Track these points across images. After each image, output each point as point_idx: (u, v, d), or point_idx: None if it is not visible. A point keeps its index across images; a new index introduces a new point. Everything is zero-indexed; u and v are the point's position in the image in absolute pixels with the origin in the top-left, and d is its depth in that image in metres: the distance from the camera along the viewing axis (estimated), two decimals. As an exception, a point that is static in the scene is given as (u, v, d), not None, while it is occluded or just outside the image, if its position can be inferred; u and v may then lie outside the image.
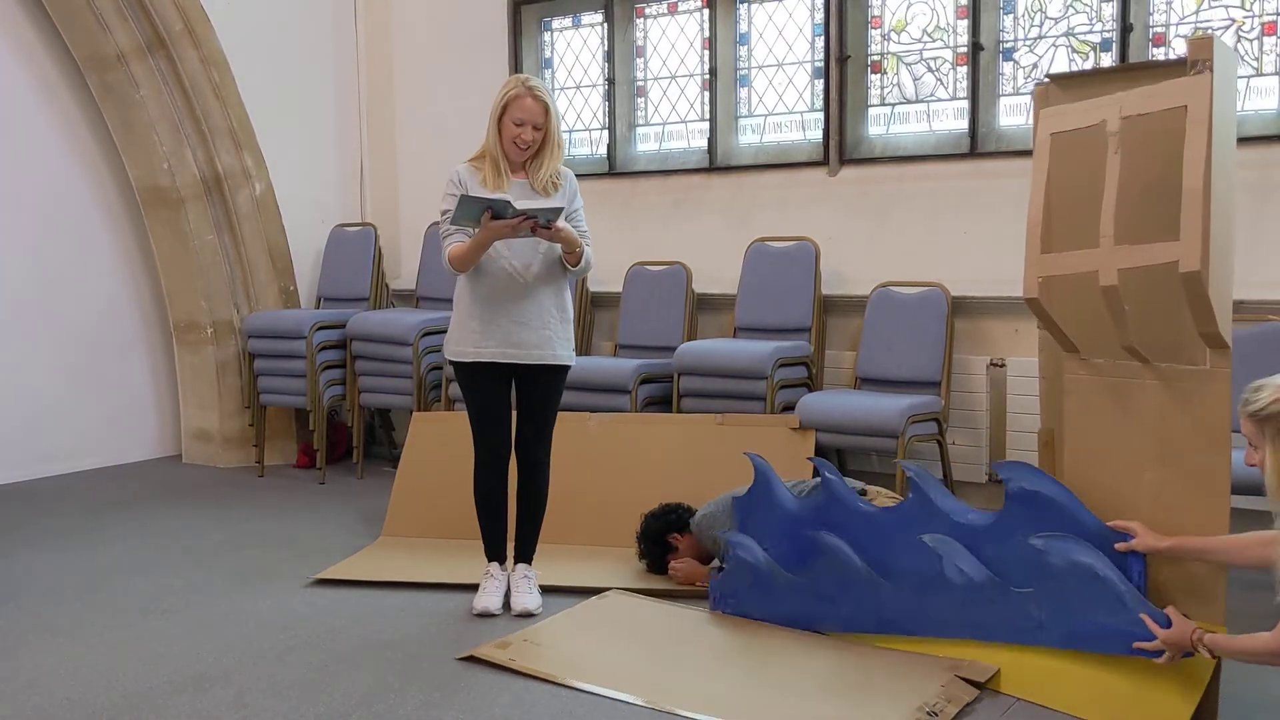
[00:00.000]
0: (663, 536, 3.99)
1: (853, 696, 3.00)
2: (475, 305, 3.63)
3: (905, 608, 3.25)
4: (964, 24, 5.00)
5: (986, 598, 3.11)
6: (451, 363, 3.73)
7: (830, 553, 3.36)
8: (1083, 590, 2.92)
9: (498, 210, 3.37)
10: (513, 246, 3.57)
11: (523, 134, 3.57)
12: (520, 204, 3.40)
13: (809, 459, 3.69)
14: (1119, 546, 2.90)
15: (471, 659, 3.30)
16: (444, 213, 3.59)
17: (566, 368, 3.75)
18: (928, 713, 2.86)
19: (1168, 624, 2.72)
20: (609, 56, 5.94)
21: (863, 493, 3.84)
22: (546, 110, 3.59)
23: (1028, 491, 3.08)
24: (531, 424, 3.74)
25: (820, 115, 5.32)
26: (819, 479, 3.86)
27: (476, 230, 3.45)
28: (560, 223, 3.49)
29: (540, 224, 3.42)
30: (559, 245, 3.58)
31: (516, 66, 6.10)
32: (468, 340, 3.65)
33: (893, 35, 5.21)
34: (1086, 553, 2.94)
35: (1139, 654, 2.79)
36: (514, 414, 3.77)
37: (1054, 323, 3.07)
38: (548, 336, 3.65)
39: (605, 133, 5.99)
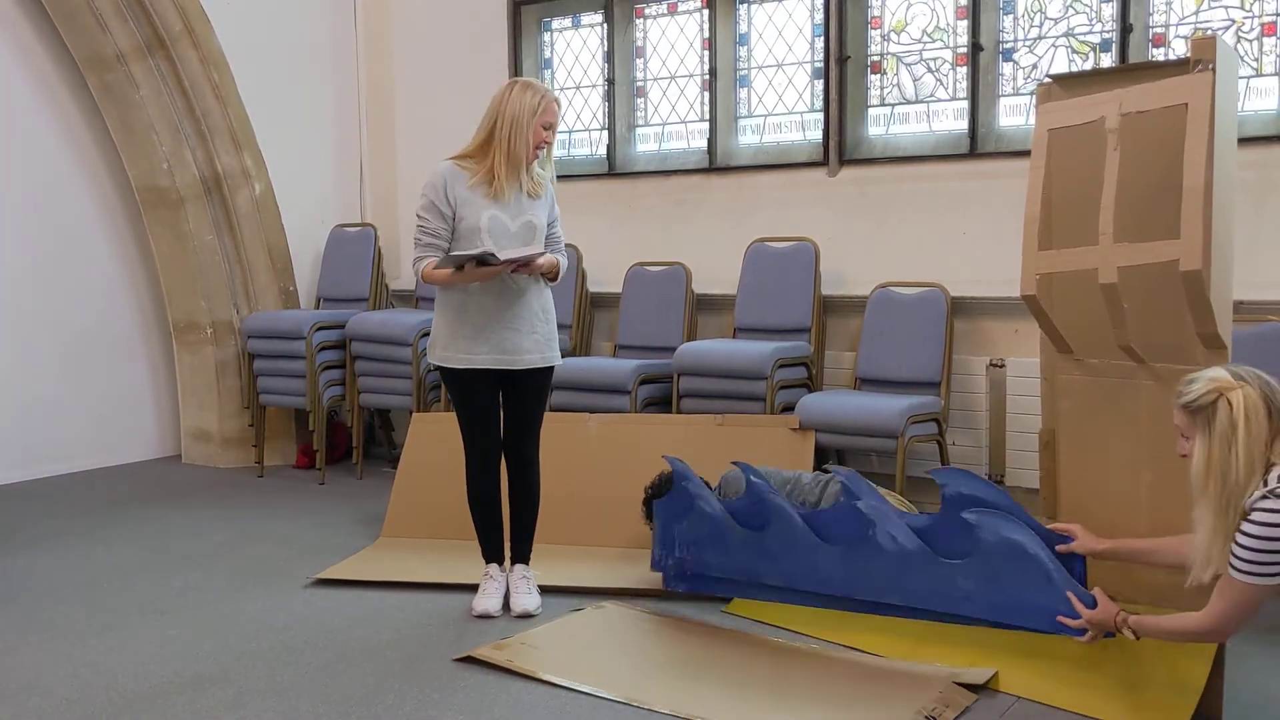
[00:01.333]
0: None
1: (850, 703, 3.00)
2: (467, 311, 3.62)
3: (840, 569, 3.44)
4: (964, 24, 5.00)
5: (916, 566, 3.27)
6: (440, 368, 3.72)
7: (777, 513, 3.57)
8: (1011, 565, 3.05)
9: (483, 261, 3.48)
10: (502, 250, 3.56)
11: (549, 137, 3.64)
12: (505, 254, 3.49)
13: (734, 463, 3.88)
14: (1059, 549, 3.00)
15: (469, 660, 3.29)
16: (420, 217, 3.62)
17: (553, 367, 3.78)
18: (925, 717, 2.86)
19: (1094, 604, 2.79)
20: (609, 57, 5.94)
21: None
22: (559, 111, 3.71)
23: (965, 496, 3.21)
24: (522, 425, 3.75)
25: (820, 116, 5.32)
26: (818, 478, 3.88)
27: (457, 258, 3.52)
28: (541, 259, 3.58)
29: (521, 262, 3.54)
30: (541, 247, 3.64)
31: (516, 67, 6.10)
32: (459, 346, 3.63)
33: (892, 36, 5.21)
34: (1017, 530, 3.05)
35: (1062, 630, 2.88)
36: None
37: (1050, 321, 3.07)
38: (537, 340, 3.67)
39: (605, 133, 5.99)
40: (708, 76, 5.65)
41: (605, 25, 5.95)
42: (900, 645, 3.30)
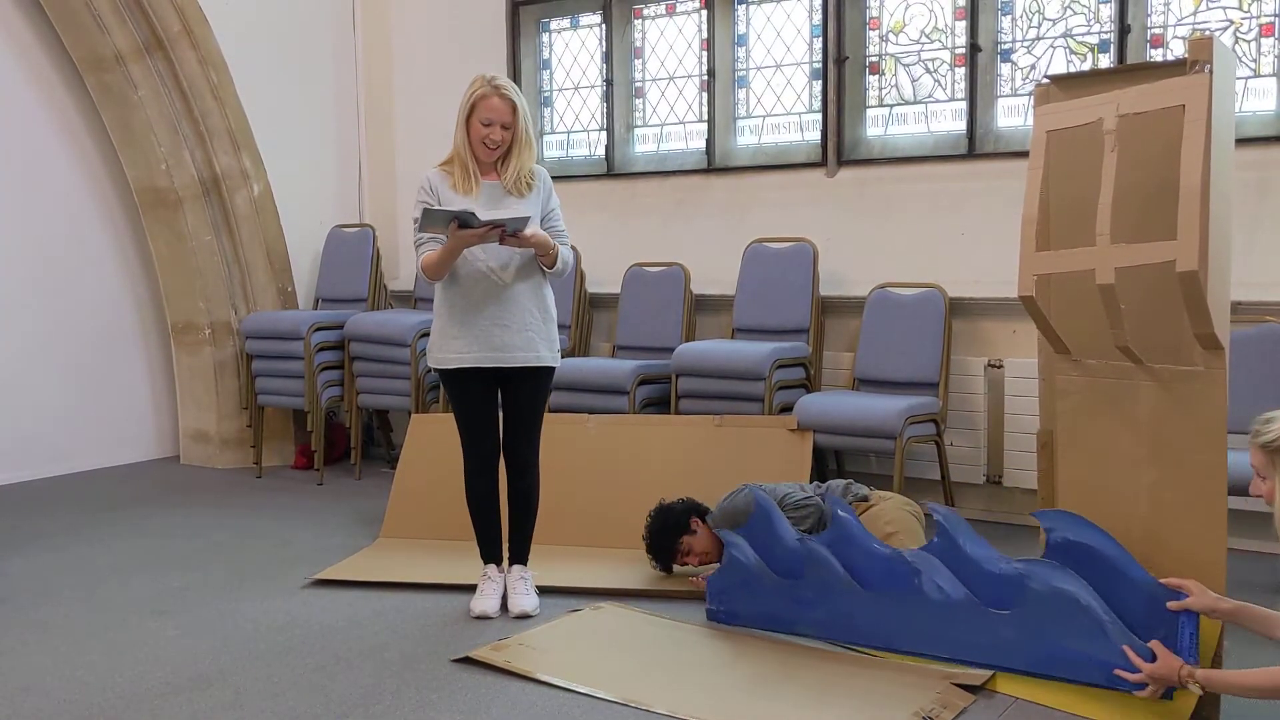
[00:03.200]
0: (674, 543, 3.93)
1: (849, 704, 2.99)
2: (455, 310, 3.61)
3: (880, 619, 3.26)
4: (962, 25, 5.00)
5: (961, 616, 3.10)
6: (437, 371, 3.71)
7: (816, 560, 3.38)
8: (1064, 617, 2.90)
9: (464, 221, 3.37)
10: (489, 248, 3.54)
11: (491, 134, 3.53)
12: (485, 215, 3.39)
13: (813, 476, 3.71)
14: (1171, 606, 2.75)
15: (467, 660, 3.29)
16: (416, 220, 3.57)
17: (552, 369, 3.72)
18: (923, 718, 2.85)
19: (1152, 658, 2.69)
20: (607, 58, 5.94)
21: (864, 499, 3.84)
22: (514, 109, 3.54)
23: (1071, 543, 2.99)
24: (519, 426, 3.72)
25: (818, 116, 5.33)
26: (819, 486, 3.85)
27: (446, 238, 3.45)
28: (531, 229, 3.48)
29: (508, 232, 3.42)
30: (536, 252, 3.57)
31: (515, 67, 6.10)
32: (449, 347, 3.62)
33: (891, 36, 5.21)
34: (1069, 579, 2.91)
35: (1119, 685, 2.76)
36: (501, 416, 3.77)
37: (1047, 322, 3.07)
38: (529, 338, 3.61)
39: (603, 134, 5.99)
40: (706, 77, 5.66)
41: (604, 26, 5.96)
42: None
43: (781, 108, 5.53)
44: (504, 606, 3.72)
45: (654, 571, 4.00)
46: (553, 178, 3.78)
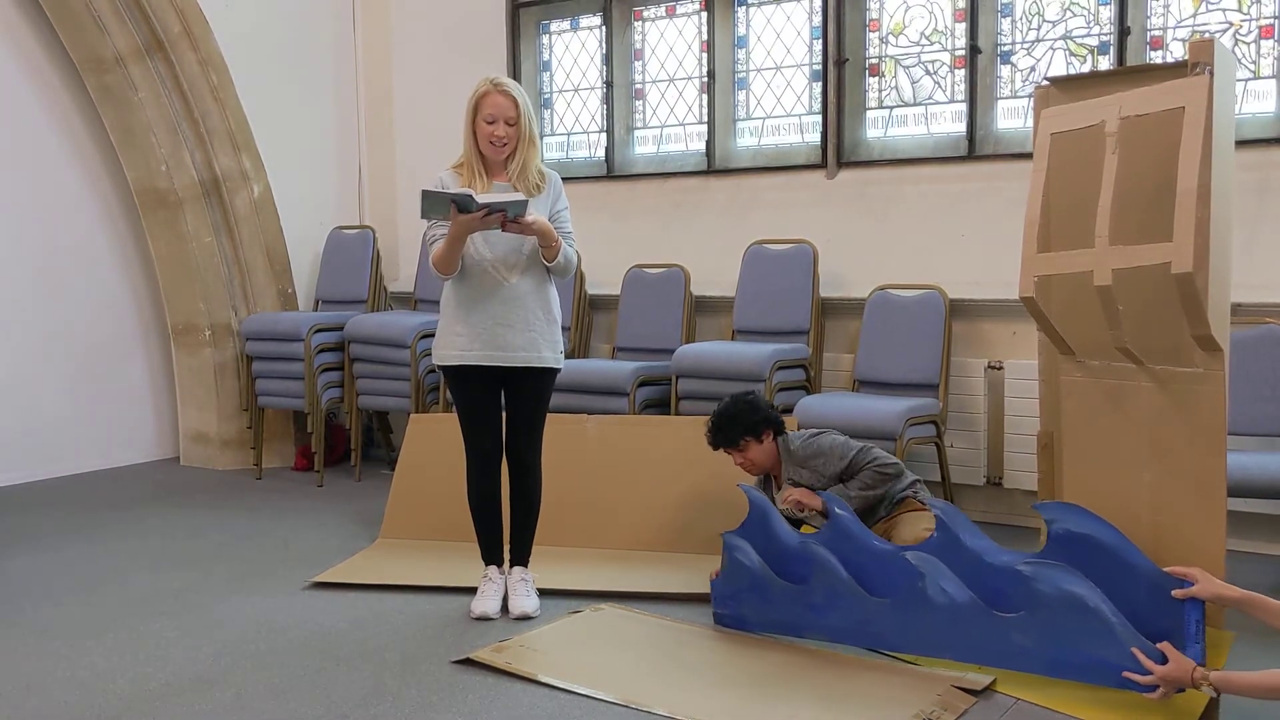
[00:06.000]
0: (737, 437, 3.84)
1: (849, 705, 2.99)
2: (460, 308, 3.62)
3: (890, 623, 3.24)
4: (962, 27, 5.00)
5: (969, 619, 3.08)
6: (440, 367, 3.72)
7: (820, 563, 3.36)
8: (1072, 620, 2.88)
9: (461, 205, 3.38)
10: (495, 247, 3.56)
11: (495, 130, 3.55)
12: (482, 198, 3.40)
13: (819, 493, 3.62)
14: (1176, 593, 2.76)
15: (468, 662, 3.29)
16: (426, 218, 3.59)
17: (554, 371, 3.72)
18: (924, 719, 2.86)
19: (1163, 660, 2.68)
20: (607, 59, 5.95)
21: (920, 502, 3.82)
22: (516, 105, 3.56)
23: (1074, 534, 2.98)
24: (521, 427, 3.73)
25: (818, 118, 5.33)
26: (820, 432, 3.82)
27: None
28: (532, 216, 3.48)
29: (509, 218, 3.42)
30: (539, 242, 3.57)
31: (515, 69, 6.10)
32: (453, 344, 3.63)
33: (891, 38, 5.21)
34: (1076, 581, 2.89)
35: (1129, 686, 2.73)
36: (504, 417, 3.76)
37: (1049, 323, 3.07)
38: (532, 338, 3.62)
39: (603, 135, 5.99)
40: (706, 79, 5.66)
41: (604, 28, 5.96)
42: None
43: (781, 109, 5.53)
44: (504, 608, 3.72)
45: (656, 570, 4.00)
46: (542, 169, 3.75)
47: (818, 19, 5.34)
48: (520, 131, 3.58)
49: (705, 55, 5.67)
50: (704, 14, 5.68)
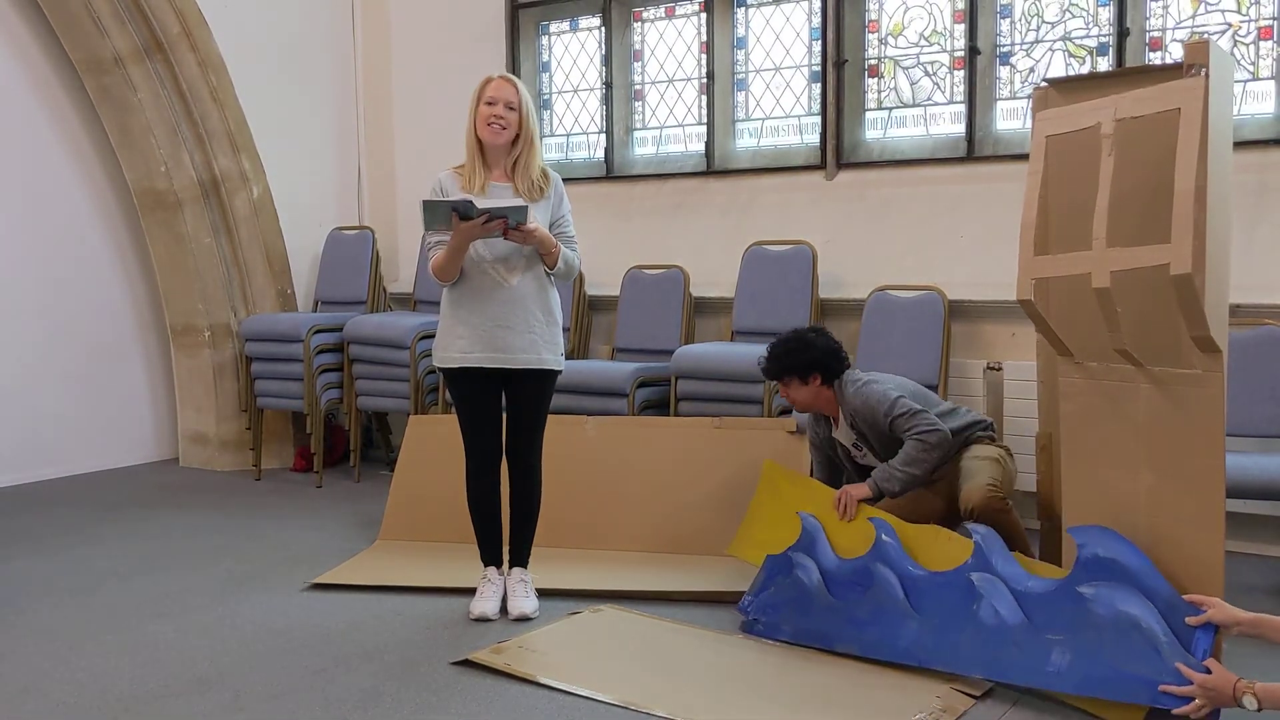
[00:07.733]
0: (789, 374, 3.83)
1: (849, 708, 2.99)
2: (460, 310, 3.62)
3: (929, 640, 3.17)
4: (961, 28, 5.01)
5: (1013, 640, 3.01)
6: (440, 369, 3.73)
7: (880, 583, 3.32)
8: (1117, 639, 2.82)
9: (462, 211, 3.37)
10: (495, 250, 3.56)
11: (495, 111, 3.55)
12: (483, 204, 3.40)
13: (869, 519, 3.57)
14: (1190, 620, 2.73)
15: (467, 663, 3.29)
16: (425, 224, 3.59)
17: (555, 372, 3.72)
18: None
19: (1206, 672, 2.63)
20: (607, 60, 5.95)
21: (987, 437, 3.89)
22: (517, 90, 3.59)
23: (1101, 559, 2.94)
24: (521, 429, 3.73)
25: (817, 119, 5.33)
26: (870, 381, 3.83)
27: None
28: (533, 223, 3.48)
29: (510, 225, 3.42)
30: (538, 250, 3.57)
31: (514, 70, 6.10)
32: (454, 346, 3.63)
33: (890, 39, 5.21)
34: (1136, 603, 2.82)
35: (1164, 701, 2.66)
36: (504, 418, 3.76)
37: (1048, 325, 3.07)
38: (533, 340, 3.62)
39: (603, 136, 6.00)
40: (705, 80, 5.66)
41: (603, 29, 5.96)
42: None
43: (781, 110, 5.54)
44: (503, 609, 3.72)
45: (655, 571, 4.00)
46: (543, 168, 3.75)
47: (817, 20, 5.35)
48: (521, 121, 3.59)
49: (704, 56, 5.68)
50: (703, 15, 5.68)
